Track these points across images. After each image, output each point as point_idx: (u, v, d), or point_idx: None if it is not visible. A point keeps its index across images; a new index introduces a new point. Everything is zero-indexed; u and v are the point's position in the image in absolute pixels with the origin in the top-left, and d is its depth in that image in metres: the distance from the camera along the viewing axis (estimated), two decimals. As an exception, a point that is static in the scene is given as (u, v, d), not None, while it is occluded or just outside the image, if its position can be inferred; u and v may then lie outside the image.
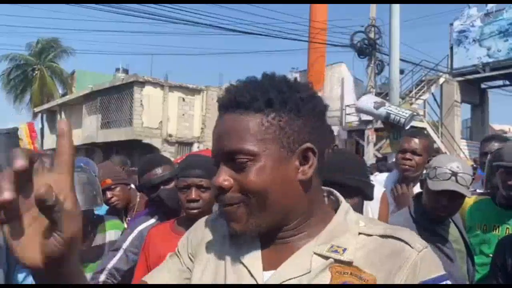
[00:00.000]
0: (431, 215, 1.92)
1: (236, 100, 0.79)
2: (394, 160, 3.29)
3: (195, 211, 1.78)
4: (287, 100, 0.78)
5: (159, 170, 2.18)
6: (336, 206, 0.88)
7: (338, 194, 0.90)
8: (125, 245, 2.12)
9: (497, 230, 2.16)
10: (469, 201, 2.30)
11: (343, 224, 0.82)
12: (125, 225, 2.59)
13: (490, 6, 18.01)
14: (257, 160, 0.77)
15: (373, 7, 17.11)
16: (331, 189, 0.90)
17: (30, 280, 1.86)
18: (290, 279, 0.76)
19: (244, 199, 0.78)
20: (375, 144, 15.23)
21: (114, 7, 11.96)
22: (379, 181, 2.79)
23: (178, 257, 0.94)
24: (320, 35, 16.47)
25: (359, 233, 0.80)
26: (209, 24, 14.19)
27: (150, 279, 0.91)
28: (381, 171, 5.92)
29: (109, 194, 2.98)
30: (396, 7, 14.41)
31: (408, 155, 2.48)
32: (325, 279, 0.75)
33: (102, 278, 2.06)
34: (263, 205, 0.78)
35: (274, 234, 0.82)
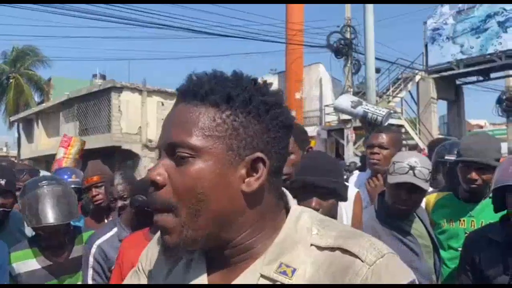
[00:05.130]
0: (394, 211, 1.98)
1: (193, 90, 0.72)
2: None
3: None
4: (248, 100, 0.71)
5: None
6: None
7: (288, 195, 0.80)
8: (90, 263, 2.11)
9: (463, 224, 2.22)
10: (432, 198, 2.37)
11: (293, 234, 0.73)
12: None
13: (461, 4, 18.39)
14: (199, 157, 0.69)
15: (348, 7, 17.29)
16: (283, 190, 0.80)
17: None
18: None
19: (174, 206, 0.70)
20: (354, 143, 15.39)
21: (89, 12, 11.84)
22: (352, 181, 2.84)
23: (138, 275, 0.88)
24: (297, 36, 16.58)
25: (311, 245, 0.72)
26: (184, 27, 14.14)
27: None
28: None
29: (94, 191, 2.98)
30: (370, 6, 14.59)
31: (375, 150, 2.53)
32: None
33: None
34: (196, 213, 0.69)
35: (220, 251, 0.74)
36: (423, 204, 2.22)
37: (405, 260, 0.74)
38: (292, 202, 0.79)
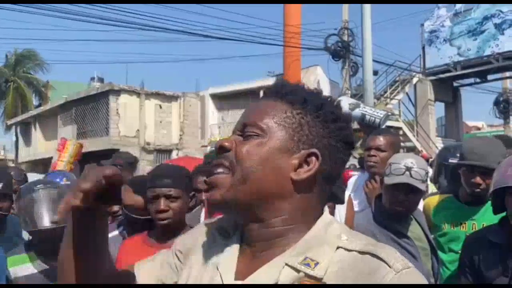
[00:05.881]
0: (391, 213, 1.97)
1: (277, 89, 0.86)
2: None
3: (164, 221, 1.77)
4: (321, 106, 0.82)
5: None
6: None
7: (326, 209, 0.88)
8: None
9: (464, 227, 2.21)
10: (434, 200, 2.36)
11: (322, 235, 0.79)
12: None
13: (458, 6, 18.45)
14: (263, 137, 0.81)
15: (345, 9, 17.32)
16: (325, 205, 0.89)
17: None
18: None
19: (234, 165, 0.80)
20: (352, 145, 15.39)
21: (86, 15, 11.83)
22: (351, 183, 2.84)
23: (169, 253, 0.95)
24: (295, 39, 16.58)
25: (338, 247, 0.77)
26: (183, 30, 14.15)
27: (137, 266, 0.95)
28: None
29: None
30: (367, 9, 14.59)
31: (373, 152, 2.52)
32: None
33: None
34: (245, 178, 0.79)
35: (254, 232, 0.81)
36: (420, 207, 2.22)
37: None
38: (327, 211, 0.86)
